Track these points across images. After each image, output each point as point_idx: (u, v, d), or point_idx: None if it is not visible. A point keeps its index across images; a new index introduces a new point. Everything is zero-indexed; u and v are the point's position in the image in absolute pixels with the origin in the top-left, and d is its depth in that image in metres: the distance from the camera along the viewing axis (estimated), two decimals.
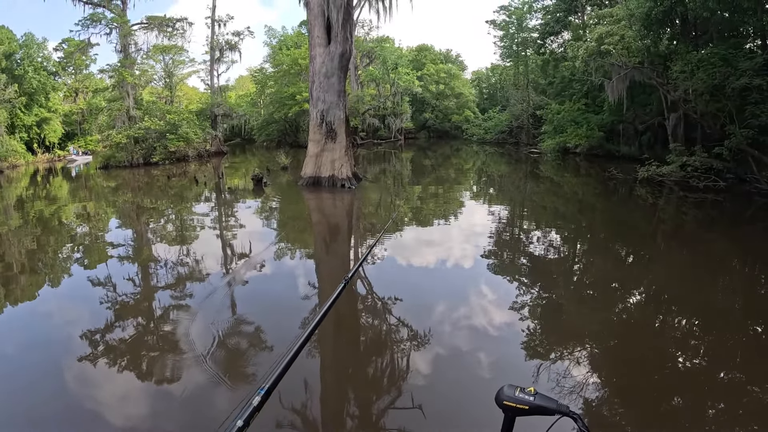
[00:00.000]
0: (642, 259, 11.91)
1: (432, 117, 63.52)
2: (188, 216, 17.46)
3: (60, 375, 6.08)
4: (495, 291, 9.09)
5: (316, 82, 20.04)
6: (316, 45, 19.94)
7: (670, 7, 20.09)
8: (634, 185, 21.43)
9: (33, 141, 48.93)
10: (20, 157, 44.45)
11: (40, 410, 5.28)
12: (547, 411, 1.50)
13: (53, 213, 19.03)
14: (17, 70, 46.13)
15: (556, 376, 5.69)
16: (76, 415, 5.29)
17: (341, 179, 20.12)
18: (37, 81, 47.42)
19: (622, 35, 22.43)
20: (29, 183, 32.53)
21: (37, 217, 18.00)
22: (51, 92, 51.09)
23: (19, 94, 43.40)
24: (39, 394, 5.58)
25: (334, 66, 19.83)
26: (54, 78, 53.04)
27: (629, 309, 8.37)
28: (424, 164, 37.25)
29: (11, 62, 45.98)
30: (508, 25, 49.79)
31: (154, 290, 9.37)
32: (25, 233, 15.17)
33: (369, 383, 5.94)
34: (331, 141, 20.22)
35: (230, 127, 55.56)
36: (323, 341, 6.97)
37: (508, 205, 19.66)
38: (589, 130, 32.58)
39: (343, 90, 20.49)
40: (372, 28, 57.93)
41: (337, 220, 16.53)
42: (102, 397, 5.66)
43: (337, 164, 20.19)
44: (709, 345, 6.86)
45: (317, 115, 20.23)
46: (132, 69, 41.16)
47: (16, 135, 45.48)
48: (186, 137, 37.68)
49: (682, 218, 16.77)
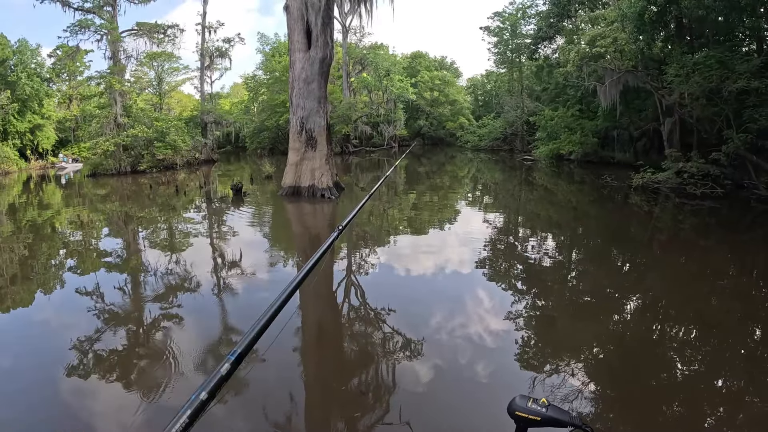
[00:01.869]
0: (637, 267, 11.56)
1: (426, 124, 63.01)
2: (149, 228, 16.64)
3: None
4: (489, 300, 8.81)
5: (296, 89, 19.29)
6: (295, 50, 19.20)
7: (664, 6, 19.34)
8: (629, 192, 20.76)
9: (26, 148, 48.38)
10: (13, 164, 43.93)
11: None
12: (560, 423, 1.48)
13: (29, 221, 18.32)
14: (11, 76, 45.62)
15: (550, 387, 5.55)
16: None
17: (321, 189, 19.31)
18: (30, 87, 46.90)
19: (614, 38, 21.77)
20: (19, 190, 32.01)
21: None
22: (45, 99, 50.62)
23: (11, 101, 42.85)
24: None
25: (315, 71, 19.09)
26: (48, 85, 52.57)
27: (625, 319, 8.14)
28: (418, 172, 36.60)
29: (5, 68, 45.46)
30: (502, 32, 49.21)
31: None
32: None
33: (353, 397, 5.66)
34: (311, 149, 19.44)
35: (224, 134, 54.91)
36: (306, 352, 6.86)
37: (502, 213, 19.23)
38: (583, 137, 31.85)
39: (324, 96, 19.75)
40: (365, 34, 57.55)
41: (310, 233, 15.32)
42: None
43: (318, 173, 19.40)
44: (708, 355, 6.68)
45: (297, 123, 19.47)
46: (122, 76, 40.62)
47: (8, 141, 44.93)
48: (174, 145, 37.00)
49: (678, 226, 16.28)
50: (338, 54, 53.85)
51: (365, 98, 52.06)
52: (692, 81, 19.34)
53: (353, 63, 53.39)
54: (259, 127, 53.47)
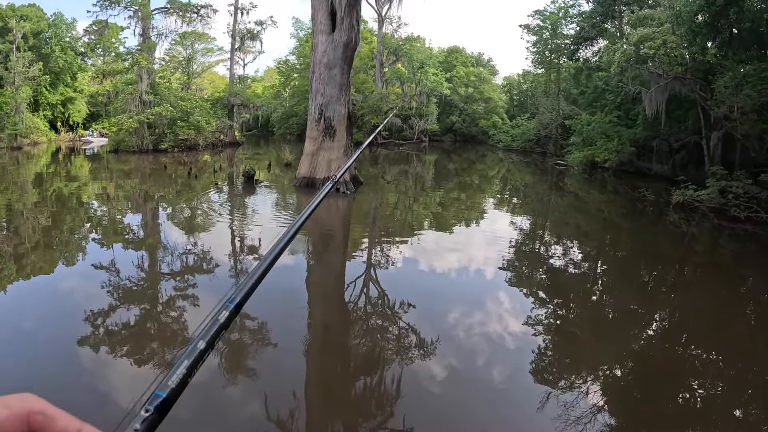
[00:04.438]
0: (667, 289, 10.90)
1: (459, 120, 61.39)
2: (139, 213, 16.48)
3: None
4: (508, 306, 8.83)
5: (317, 73, 18.29)
6: (318, 32, 18.18)
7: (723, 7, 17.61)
8: (665, 209, 19.25)
9: (57, 119, 48.91)
10: (42, 134, 44.35)
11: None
12: None
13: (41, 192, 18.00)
14: (44, 48, 46.04)
15: (563, 403, 5.44)
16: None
17: (337, 182, 18.31)
18: (63, 60, 47.38)
19: (664, 40, 20.11)
20: (45, 161, 32.37)
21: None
22: (78, 72, 50.99)
23: (43, 73, 43.06)
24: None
25: (337, 56, 18.03)
26: (82, 59, 52.96)
27: (647, 342, 7.83)
28: (447, 168, 36.18)
29: (39, 41, 45.87)
30: (542, 31, 47.28)
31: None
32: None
33: (361, 401, 5.75)
34: (329, 139, 18.45)
35: (253, 118, 54.50)
36: (311, 356, 6.86)
37: (530, 217, 18.89)
38: (620, 145, 30.08)
39: (347, 83, 18.70)
40: (400, 25, 56.20)
41: (310, 235, 13.26)
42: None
43: (334, 165, 18.39)
44: (732, 389, 6.30)
45: (315, 110, 18.49)
46: (151, 53, 40.32)
47: (39, 112, 45.41)
48: (197, 125, 36.58)
49: (716, 250, 15.06)
50: (372, 43, 52.80)
51: (397, 90, 50.94)
52: (744, 94, 17.79)
53: (387, 53, 52.25)
54: (288, 113, 52.79)
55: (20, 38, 41.17)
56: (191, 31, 45.18)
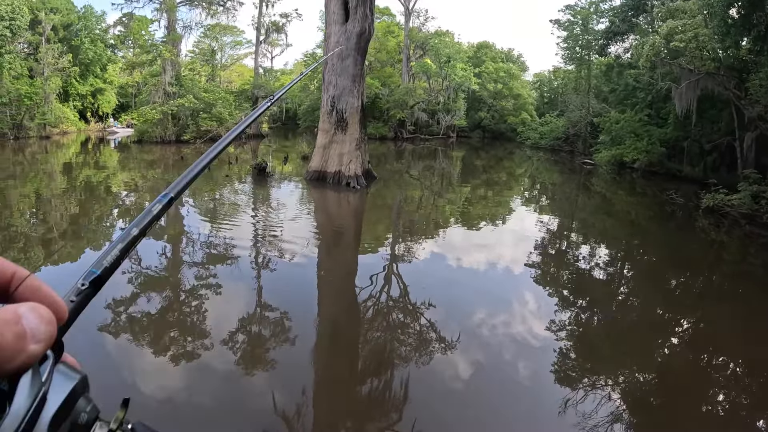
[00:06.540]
0: (692, 298, 10.61)
1: (487, 117, 60.11)
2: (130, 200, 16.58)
3: None
4: (532, 306, 8.83)
5: (329, 64, 17.82)
6: (331, 22, 17.71)
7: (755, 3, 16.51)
8: (695, 213, 18.27)
9: (87, 110, 49.79)
10: (71, 124, 45.16)
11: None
12: None
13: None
14: (74, 40, 46.78)
15: (582, 411, 5.45)
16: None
17: (348, 176, 17.79)
18: (93, 52, 48.11)
19: (695, 33, 19.00)
20: (73, 150, 33.03)
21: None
22: (108, 64, 51.80)
23: (73, 64, 43.77)
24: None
25: (351, 46, 17.52)
26: (112, 51, 53.77)
27: (672, 354, 7.65)
28: (474, 164, 35.54)
29: (69, 32, 46.63)
30: (573, 26, 45.93)
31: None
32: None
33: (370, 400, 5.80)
34: (341, 132, 17.97)
35: (283, 110, 54.47)
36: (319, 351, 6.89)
37: (556, 217, 18.63)
38: (650, 145, 28.88)
39: (360, 75, 18.19)
40: (428, 18, 55.31)
41: (309, 235, 12.65)
42: None
43: (346, 159, 17.92)
44: (760, 408, 6.12)
45: (327, 102, 18.05)
46: (176, 46, 40.52)
47: (69, 103, 46.26)
48: (219, 117, 36.61)
49: (746, 259, 14.19)
50: (399, 37, 52.15)
51: (424, 84, 50.15)
52: None
53: (414, 47, 51.50)
54: (313, 106, 52.56)
55: (50, 30, 41.80)
56: (218, 23, 45.26)
